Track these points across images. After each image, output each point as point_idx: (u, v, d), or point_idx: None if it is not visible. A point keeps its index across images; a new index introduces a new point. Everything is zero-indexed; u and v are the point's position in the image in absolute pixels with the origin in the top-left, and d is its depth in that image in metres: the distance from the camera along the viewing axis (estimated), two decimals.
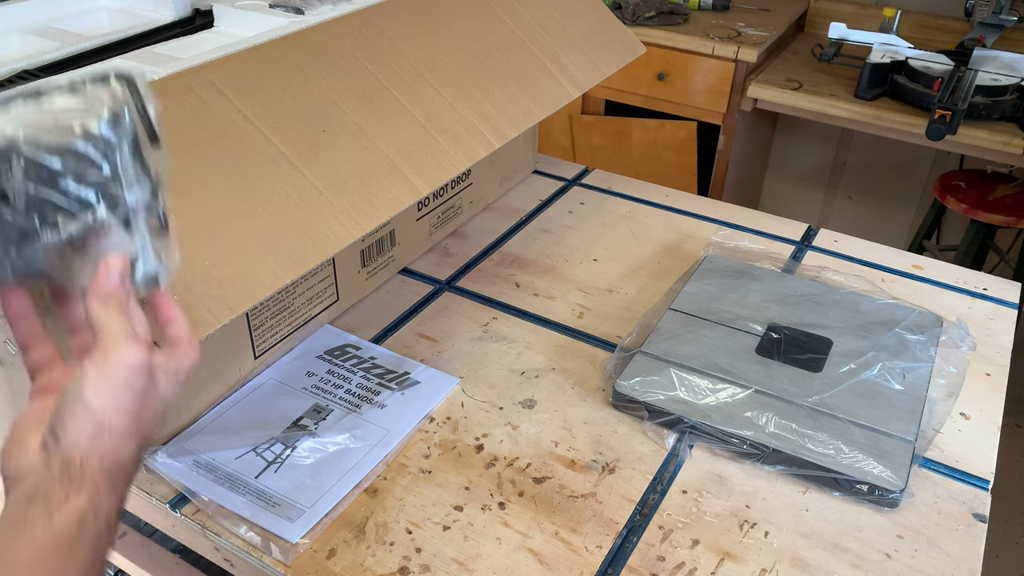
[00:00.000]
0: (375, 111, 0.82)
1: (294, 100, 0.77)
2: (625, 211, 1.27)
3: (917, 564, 0.73)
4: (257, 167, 0.71)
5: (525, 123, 0.95)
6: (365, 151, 0.79)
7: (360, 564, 0.72)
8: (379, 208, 0.77)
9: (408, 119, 0.84)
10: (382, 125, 0.82)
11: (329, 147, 0.77)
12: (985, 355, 0.98)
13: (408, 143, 0.82)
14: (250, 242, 0.68)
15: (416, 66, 0.88)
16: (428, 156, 0.83)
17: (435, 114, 0.86)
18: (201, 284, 0.64)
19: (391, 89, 0.85)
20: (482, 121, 0.90)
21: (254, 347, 0.91)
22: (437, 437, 0.86)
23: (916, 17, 2.30)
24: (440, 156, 0.84)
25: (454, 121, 0.87)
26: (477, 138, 0.89)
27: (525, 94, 0.97)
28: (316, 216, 0.72)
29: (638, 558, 0.73)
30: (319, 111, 0.78)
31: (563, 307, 1.05)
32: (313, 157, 0.75)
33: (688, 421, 0.84)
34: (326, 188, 0.74)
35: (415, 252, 1.15)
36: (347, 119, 0.79)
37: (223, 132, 0.71)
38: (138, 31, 0.87)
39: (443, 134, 0.86)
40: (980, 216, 2.04)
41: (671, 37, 2.15)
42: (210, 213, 0.67)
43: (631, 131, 2.35)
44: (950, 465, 0.83)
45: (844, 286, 1.05)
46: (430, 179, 0.82)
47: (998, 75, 1.87)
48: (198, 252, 0.65)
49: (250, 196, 0.69)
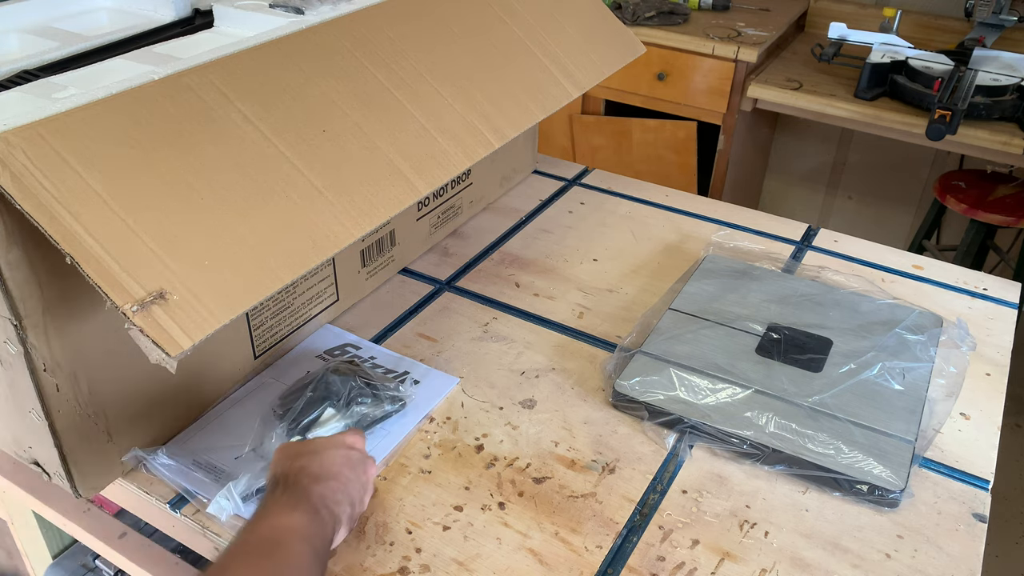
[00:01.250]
0: (375, 111, 0.82)
1: (294, 100, 0.77)
2: (625, 211, 1.27)
3: (917, 564, 0.73)
4: (257, 167, 0.71)
5: (525, 123, 0.94)
6: (365, 151, 0.79)
7: (360, 564, 0.72)
8: (379, 208, 0.77)
9: (408, 119, 0.84)
10: (382, 125, 0.82)
11: (329, 147, 0.77)
12: (985, 355, 0.98)
13: (408, 143, 0.82)
14: (250, 242, 0.68)
15: (416, 66, 0.88)
16: (428, 156, 0.83)
17: (435, 114, 0.86)
18: (201, 284, 0.64)
19: (391, 89, 0.85)
20: (482, 121, 0.90)
21: (254, 347, 0.91)
22: (437, 437, 0.86)
23: (916, 17, 2.30)
24: (440, 156, 0.84)
25: (454, 121, 0.87)
26: (477, 138, 0.88)
27: (525, 94, 0.97)
28: (316, 216, 0.72)
29: (638, 558, 0.73)
30: (319, 111, 0.78)
31: (563, 307, 1.05)
32: (313, 157, 0.75)
33: (688, 421, 0.84)
34: (326, 188, 0.74)
35: (415, 252, 1.15)
36: (347, 119, 0.79)
37: (223, 132, 0.71)
38: (138, 31, 0.87)
39: (443, 134, 0.86)
40: (980, 216, 2.04)
41: (671, 37, 2.15)
42: (211, 213, 0.67)
43: (631, 131, 2.35)
44: (950, 465, 0.83)
45: (844, 286, 1.05)
46: (430, 179, 0.82)
47: (998, 75, 1.87)
48: (199, 252, 0.64)
49: (250, 196, 0.69)
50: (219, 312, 0.63)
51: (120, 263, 0.60)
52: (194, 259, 0.64)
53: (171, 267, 0.62)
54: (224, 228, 0.67)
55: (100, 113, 0.65)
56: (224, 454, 0.82)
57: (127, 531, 0.99)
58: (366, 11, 0.90)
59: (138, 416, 0.80)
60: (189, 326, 0.61)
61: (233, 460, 0.81)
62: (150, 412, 0.81)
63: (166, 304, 0.61)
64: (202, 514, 0.76)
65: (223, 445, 0.83)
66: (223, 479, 0.78)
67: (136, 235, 0.62)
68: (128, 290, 0.60)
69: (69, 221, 0.59)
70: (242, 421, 0.85)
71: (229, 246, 0.66)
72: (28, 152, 0.60)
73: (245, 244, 0.67)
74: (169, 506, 0.77)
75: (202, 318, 0.62)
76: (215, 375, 0.87)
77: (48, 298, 0.67)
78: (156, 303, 0.61)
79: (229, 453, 0.82)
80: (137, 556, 0.96)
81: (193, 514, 0.77)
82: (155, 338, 0.59)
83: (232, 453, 0.82)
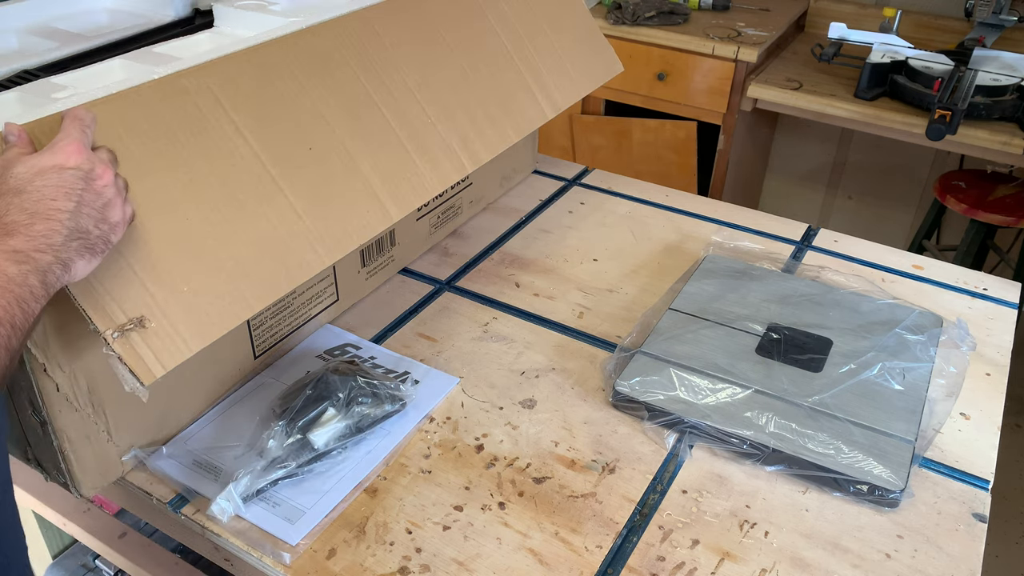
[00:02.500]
0: (361, 128, 0.83)
1: (286, 111, 0.78)
2: (625, 211, 1.27)
3: (917, 564, 0.73)
4: (242, 186, 0.72)
5: (500, 147, 0.97)
6: (346, 172, 0.80)
7: (360, 564, 0.72)
8: (351, 235, 0.79)
9: (391, 139, 0.85)
10: (365, 144, 0.83)
11: (313, 166, 0.78)
12: (985, 355, 0.98)
13: (388, 164, 0.84)
14: (228, 268, 0.69)
15: (406, 79, 0.89)
16: (404, 179, 0.85)
17: (418, 136, 0.88)
18: (178, 311, 0.65)
19: (379, 105, 0.86)
20: (460, 144, 0.91)
21: (254, 347, 0.91)
22: (437, 437, 0.86)
23: (916, 17, 2.30)
24: (415, 179, 0.86)
25: (434, 143, 0.89)
26: (453, 162, 0.90)
27: (504, 115, 0.98)
28: (293, 242, 0.74)
29: (638, 558, 0.73)
30: (308, 126, 0.79)
31: (563, 307, 1.05)
32: (296, 177, 0.76)
33: (688, 421, 0.84)
34: (305, 213, 0.76)
35: (415, 252, 1.15)
36: (333, 136, 0.81)
37: (214, 145, 0.72)
38: (138, 31, 0.87)
39: (422, 156, 0.87)
40: (980, 216, 2.04)
41: (671, 37, 2.15)
42: (195, 236, 0.68)
43: (631, 131, 2.35)
44: (950, 465, 0.83)
45: (844, 286, 1.05)
46: (403, 204, 0.85)
47: (998, 75, 1.87)
48: (179, 277, 0.66)
49: (234, 219, 0.71)
50: (191, 341, 0.66)
51: (104, 285, 0.62)
52: (174, 284, 0.66)
53: (151, 291, 0.64)
54: (205, 252, 0.68)
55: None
56: (224, 454, 0.82)
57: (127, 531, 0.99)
58: (367, 11, 0.90)
59: (138, 416, 0.80)
60: (163, 354, 0.64)
61: (233, 460, 0.81)
62: (150, 412, 0.81)
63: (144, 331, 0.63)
64: (202, 514, 0.76)
65: (223, 445, 0.83)
66: (223, 479, 0.78)
67: (122, 256, 0.64)
68: (110, 315, 0.62)
69: None
70: (242, 421, 0.86)
71: (209, 272, 0.68)
72: None
73: (223, 270, 0.69)
74: (169, 506, 0.77)
75: (175, 346, 0.65)
76: (215, 375, 0.87)
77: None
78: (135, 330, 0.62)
79: (229, 453, 0.82)
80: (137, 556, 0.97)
81: (193, 514, 0.77)
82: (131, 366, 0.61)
83: (232, 453, 0.82)
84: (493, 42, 1.02)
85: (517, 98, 1.01)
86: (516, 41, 1.04)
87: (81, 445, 0.75)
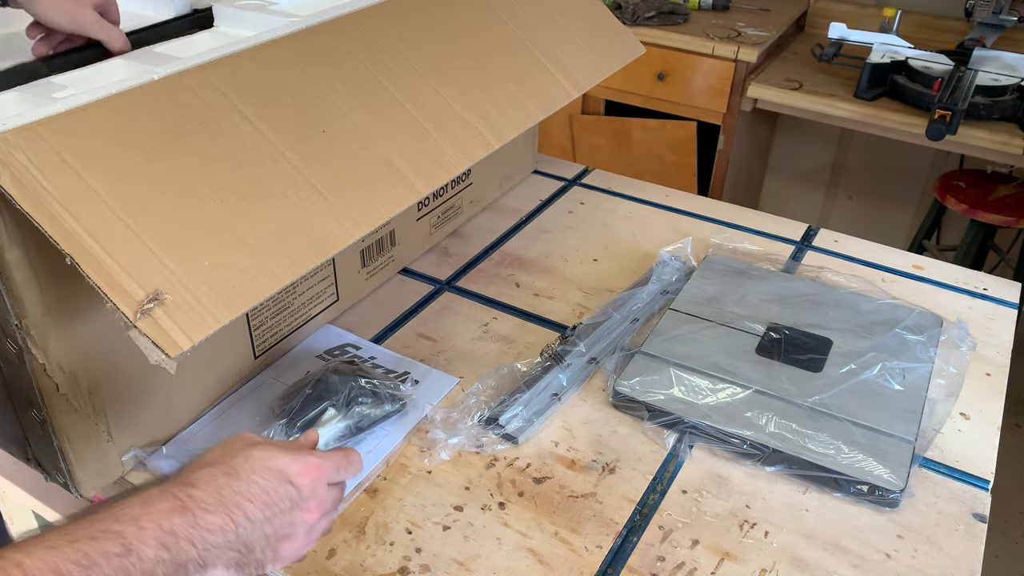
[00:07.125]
0: (375, 111, 0.82)
1: (294, 100, 0.77)
2: (625, 211, 1.27)
3: (917, 564, 0.73)
4: (257, 167, 0.71)
5: (524, 124, 0.94)
6: (364, 151, 0.79)
7: (360, 564, 0.72)
8: (379, 209, 0.77)
9: (408, 119, 0.84)
10: (382, 125, 0.82)
11: (329, 147, 0.77)
12: (985, 355, 0.98)
13: (408, 144, 0.82)
14: (250, 243, 0.68)
15: (416, 67, 0.88)
16: (427, 157, 0.83)
17: (435, 115, 0.86)
18: (201, 284, 0.64)
19: (391, 90, 0.85)
20: (481, 122, 0.90)
21: (254, 347, 0.91)
22: None
23: (916, 17, 2.30)
24: (439, 157, 0.84)
25: (453, 122, 0.87)
26: (476, 139, 0.88)
27: (525, 95, 0.97)
28: (315, 217, 0.72)
29: (638, 558, 0.73)
30: (319, 111, 0.78)
31: (563, 307, 1.05)
32: (313, 157, 0.75)
33: (688, 421, 0.84)
34: (325, 189, 0.74)
35: (415, 252, 1.15)
36: (347, 119, 0.79)
37: (223, 132, 0.71)
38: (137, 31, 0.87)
39: (443, 135, 0.86)
40: (980, 216, 2.04)
41: (671, 37, 2.15)
42: (211, 214, 0.67)
43: (631, 131, 2.35)
44: (950, 465, 0.83)
45: (844, 286, 1.05)
46: (429, 179, 0.82)
47: (998, 75, 1.87)
48: (199, 253, 0.65)
49: (250, 196, 0.69)
50: (219, 313, 0.63)
51: (120, 264, 0.60)
52: (194, 260, 0.64)
53: (171, 268, 0.62)
54: (224, 229, 0.67)
55: (100, 113, 0.65)
56: None
57: None
58: (367, 11, 0.90)
59: (138, 416, 0.80)
60: (189, 327, 0.61)
61: None
62: (150, 412, 0.81)
63: (165, 305, 0.61)
64: None
65: None
66: None
67: (136, 235, 0.62)
68: (128, 291, 0.60)
69: (69, 222, 0.59)
70: (242, 421, 0.85)
71: (229, 247, 0.66)
72: (28, 152, 0.60)
73: (245, 245, 0.67)
74: None
75: (202, 319, 0.62)
76: (215, 375, 0.87)
77: (48, 298, 0.67)
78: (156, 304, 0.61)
79: None
80: None
81: None
82: (155, 339, 0.59)
83: None
84: (503, 30, 1.01)
85: (536, 79, 1.00)
86: (527, 29, 1.04)
87: (81, 445, 0.75)
